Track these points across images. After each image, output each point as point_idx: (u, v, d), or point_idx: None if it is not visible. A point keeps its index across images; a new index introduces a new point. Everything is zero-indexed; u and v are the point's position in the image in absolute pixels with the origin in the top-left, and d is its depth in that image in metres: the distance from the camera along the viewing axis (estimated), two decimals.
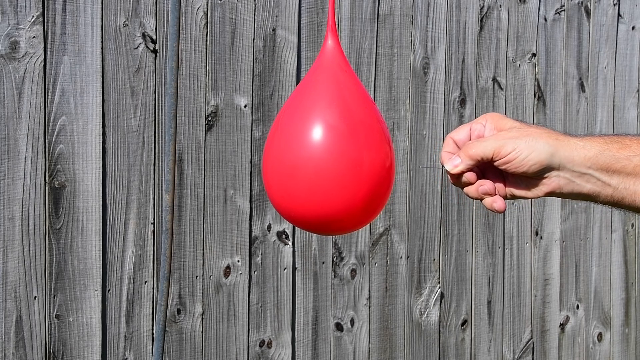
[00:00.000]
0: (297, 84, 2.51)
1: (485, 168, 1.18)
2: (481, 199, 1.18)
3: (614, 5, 3.29)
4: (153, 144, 2.27)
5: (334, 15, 1.19)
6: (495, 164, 1.15)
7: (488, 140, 1.15)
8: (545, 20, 3.09)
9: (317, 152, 1.13)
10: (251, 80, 2.44)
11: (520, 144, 1.14)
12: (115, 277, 2.22)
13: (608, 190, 1.16)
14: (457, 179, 1.18)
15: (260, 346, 2.48)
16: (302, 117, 1.15)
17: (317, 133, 1.14)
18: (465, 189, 1.18)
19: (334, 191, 1.13)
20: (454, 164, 1.17)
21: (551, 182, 1.15)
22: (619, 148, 1.15)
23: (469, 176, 1.17)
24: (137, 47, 2.24)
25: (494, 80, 2.96)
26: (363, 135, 1.14)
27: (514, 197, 1.18)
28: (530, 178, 1.16)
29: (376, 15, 2.67)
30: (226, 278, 2.41)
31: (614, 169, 1.15)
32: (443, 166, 1.18)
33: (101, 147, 2.18)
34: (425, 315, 2.82)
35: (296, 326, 2.55)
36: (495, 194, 1.17)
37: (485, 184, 1.17)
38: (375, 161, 1.15)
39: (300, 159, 1.14)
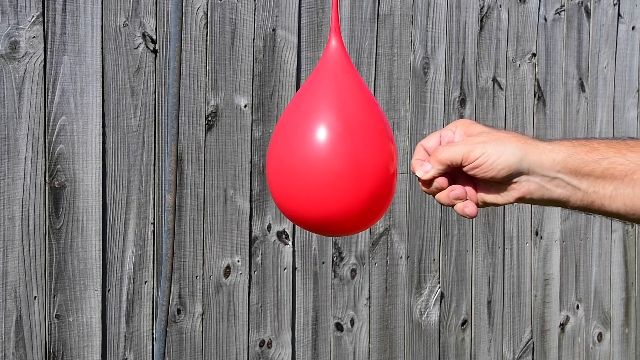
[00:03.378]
0: (297, 84, 2.51)
1: (456, 175, 1.18)
2: (453, 205, 1.18)
3: (614, 5, 3.29)
4: (153, 144, 2.27)
5: (337, 15, 1.19)
6: (464, 169, 1.15)
7: (457, 145, 1.16)
8: (545, 20, 3.09)
9: (313, 152, 1.13)
10: (251, 80, 2.44)
11: (489, 149, 1.14)
12: (115, 277, 2.22)
13: (578, 194, 1.16)
14: (428, 186, 1.18)
15: (260, 346, 2.48)
16: (300, 117, 1.16)
17: (314, 134, 1.14)
18: (437, 196, 1.18)
19: (331, 192, 1.13)
20: (425, 169, 1.17)
21: (521, 187, 1.15)
22: (587, 151, 1.15)
23: (441, 181, 1.17)
24: (137, 47, 2.24)
25: (494, 80, 2.96)
26: (361, 137, 1.14)
27: (485, 204, 1.18)
28: (500, 183, 1.16)
29: (376, 15, 2.67)
30: (226, 278, 2.41)
31: (583, 172, 1.14)
32: (414, 173, 1.18)
33: (101, 147, 2.18)
34: (425, 315, 2.82)
35: (296, 326, 2.55)
36: (467, 199, 1.17)
37: (457, 189, 1.17)
38: (375, 163, 1.15)
39: (298, 159, 1.14)
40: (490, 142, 1.14)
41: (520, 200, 1.17)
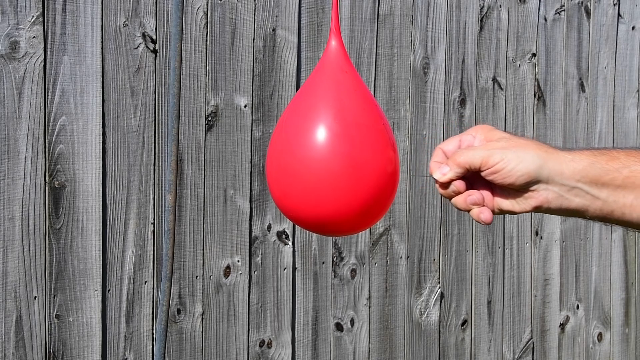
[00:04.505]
0: (297, 84, 2.51)
1: (474, 181, 1.17)
2: (469, 210, 1.17)
3: (614, 5, 3.29)
4: (153, 144, 2.27)
5: (338, 16, 1.19)
6: (483, 174, 1.15)
7: (477, 149, 1.15)
8: (545, 20, 3.09)
9: (311, 152, 1.13)
10: (251, 80, 2.44)
11: (508, 155, 1.13)
12: (115, 277, 2.22)
13: (597, 203, 1.14)
14: (445, 188, 1.17)
15: (260, 346, 2.48)
16: (299, 117, 1.16)
17: (312, 134, 1.14)
18: (454, 200, 1.17)
19: (330, 192, 1.13)
20: (443, 172, 1.16)
21: (539, 195, 1.14)
22: (608, 160, 1.14)
23: (458, 184, 1.16)
24: (137, 47, 2.24)
25: (494, 80, 2.96)
26: (360, 138, 1.14)
27: (501, 211, 1.17)
28: (518, 191, 1.15)
29: (376, 15, 2.67)
30: (226, 278, 2.41)
31: (603, 181, 1.14)
32: (431, 176, 1.17)
33: (101, 147, 2.18)
34: (425, 315, 2.82)
35: (296, 326, 2.55)
36: (484, 205, 1.16)
37: (474, 194, 1.16)
38: (374, 163, 1.15)
39: (296, 159, 1.14)
40: (510, 148, 1.13)
41: (538, 209, 1.15)
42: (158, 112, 2.27)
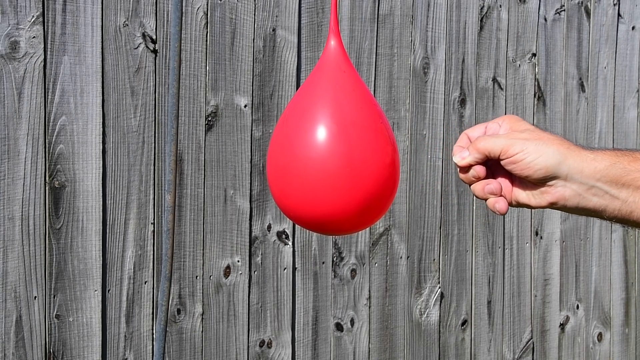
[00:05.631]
0: (297, 84, 2.52)
1: (495, 170, 1.18)
2: (486, 199, 1.18)
3: (614, 5, 3.29)
4: (153, 144, 2.27)
5: (337, 16, 1.19)
6: (502, 162, 1.15)
7: (499, 137, 1.16)
8: (545, 20, 3.09)
9: (308, 152, 1.14)
10: (251, 80, 2.44)
11: (530, 146, 1.13)
12: (115, 277, 2.22)
13: (616, 203, 1.14)
14: (465, 172, 1.18)
15: (260, 346, 2.48)
16: (297, 117, 1.16)
17: (309, 133, 1.14)
18: (472, 187, 1.18)
19: (328, 191, 1.13)
20: (462, 156, 1.17)
21: (556, 191, 1.14)
22: (630, 161, 1.14)
23: (478, 169, 1.17)
24: (137, 47, 2.24)
25: (494, 80, 2.96)
26: (357, 137, 1.14)
27: (518, 204, 1.18)
28: (535, 185, 1.15)
29: (376, 15, 2.67)
30: (226, 278, 2.41)
31: (624, 181, 1.13)
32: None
33: (101, 147, 2.18)
34: (425, 315, 2.82)
35: (296, 326, 2.55)
36: (501, 195, 1.17)
37: (492, 183, 1.17)
38: (372, 163, 1.15)
39: (294, 158, 1.15)
40: (532, 140, 1.14)
41: (553, 205, 1.15)
42: (158, 112, 2.27)
